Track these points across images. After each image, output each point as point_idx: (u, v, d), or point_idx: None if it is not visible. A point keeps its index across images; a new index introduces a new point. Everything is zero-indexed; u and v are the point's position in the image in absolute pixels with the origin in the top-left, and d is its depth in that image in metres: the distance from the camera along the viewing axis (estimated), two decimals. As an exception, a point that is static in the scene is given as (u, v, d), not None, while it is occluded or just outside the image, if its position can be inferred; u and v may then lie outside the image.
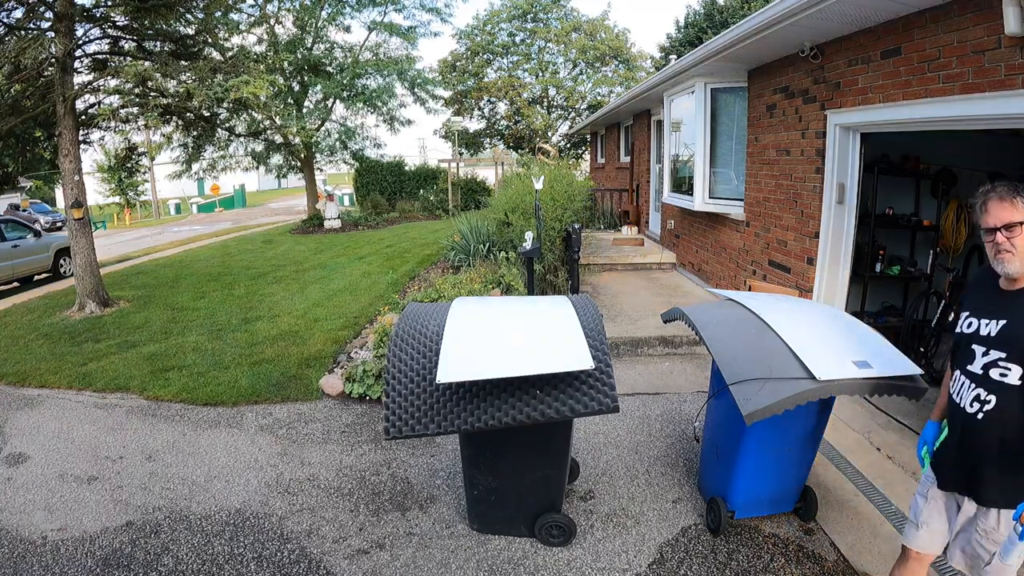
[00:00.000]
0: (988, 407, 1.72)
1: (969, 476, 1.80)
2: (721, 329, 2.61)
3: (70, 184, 6.95)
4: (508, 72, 26.34)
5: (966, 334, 1.85)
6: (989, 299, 1.83)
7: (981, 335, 1.78)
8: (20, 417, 4.33)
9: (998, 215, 1.68)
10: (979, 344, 1.78)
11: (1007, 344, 1.71)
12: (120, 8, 6.84)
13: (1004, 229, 1.67)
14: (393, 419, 2.32)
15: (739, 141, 6.12)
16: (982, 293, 1.89)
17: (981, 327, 1.79)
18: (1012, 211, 1.68)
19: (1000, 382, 1.70)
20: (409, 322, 2.60)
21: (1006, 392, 1.69)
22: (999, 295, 1.80)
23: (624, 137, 12.50)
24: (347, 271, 8.88)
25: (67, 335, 6.25)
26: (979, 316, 1.82)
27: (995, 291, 1.82)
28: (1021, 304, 1.75)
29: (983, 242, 1.77)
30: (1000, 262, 1.71)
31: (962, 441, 1.82)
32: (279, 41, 14.60)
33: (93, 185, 25.99)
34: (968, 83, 2.99)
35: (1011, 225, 1.67)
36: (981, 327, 1.79)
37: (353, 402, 4.39)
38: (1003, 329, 1.73)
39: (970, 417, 1.77)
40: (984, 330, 1.79)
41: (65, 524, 3.00)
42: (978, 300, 1.89)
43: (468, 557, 2.66)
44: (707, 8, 25.74)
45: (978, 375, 1.76)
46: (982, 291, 1.90)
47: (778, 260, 5.19)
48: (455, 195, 17.12)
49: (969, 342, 1.84)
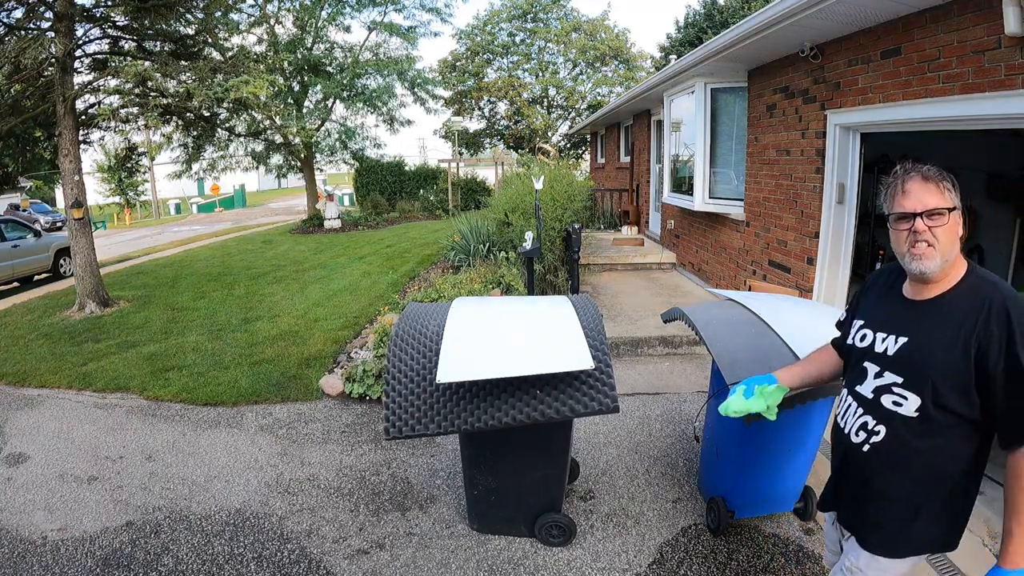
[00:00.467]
0: (876, 439, 1.46)
1: (851, 512, 1.58)
2: (721, 329, 2.61)
3: (70, 184, 6.95)
4: (508, 72, 26.35)
5: (858, 348, 1.56)
6: (890, 309, 1.52)
7: (876, 352, 1.49)
8: (20, 417, 4.33)
9: (921, 198, 1.38)
10: (872, 362, 1.49)
11: (906, 368, 1.41)
12: (120, 8, 6.84)
13: (925, 216, 1.37)
14: (393, 419, 2.32)
15: (739, 141, 6.12)
16: (881, 300, 1.58)
17: (877, 342, 1.50)
18: (939, 196, 1.38)
19: (892, 412, 1.43)
20: (409, 322, 2.59)
21: (899, 424, 1.42)
22: (903, 305, 1.49)
23: (624, 137, 12.50)
24: (347, 271, 8.88)
25: (67, 335, 6.25)
26: (875, 328, 1.53)
27: (898, 299, 1.52)
28: (930, 319, 1.41)
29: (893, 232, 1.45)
30: (915, 258, 1.38)
31: (843, 470, 1.59)
32: (279, 41, 14.60)
33: (93, 185, 25.99)
34: (968, 83, 2.99)
35: (935, 212, 1.36)
36: (877, 342, 1.50)
37: (353, 402, 4.39)
38: (903, 349, 1.43)
39: (854, 448, 1.51)
40: (880, 346, 1.49)
41: (65, 524, 3.00)
42: (876, 308, 1.59)
43: (468, 557, 2.66)
44: (707, 8, 25.74)
45: (868, 399, 1.49)
46: (881, 297, 1.58)
47: (778, 260, 5.19)
48: (455, 195, 17.12)
49: (861, 358, 1.54)
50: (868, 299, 1.64)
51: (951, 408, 1.37)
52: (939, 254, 1.37)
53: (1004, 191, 4.77)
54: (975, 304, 1.35)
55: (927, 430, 1.40)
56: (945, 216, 1.37)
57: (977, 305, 1.34)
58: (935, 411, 1.38)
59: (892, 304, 1.53)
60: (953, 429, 1.39)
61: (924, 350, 1.39)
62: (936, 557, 2.49)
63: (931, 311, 1.42)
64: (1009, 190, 4.75)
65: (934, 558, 2.49)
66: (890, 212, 1.44)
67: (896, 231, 1.44)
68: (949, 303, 1.40)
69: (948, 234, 1.37)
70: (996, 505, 2.81)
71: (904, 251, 1.41)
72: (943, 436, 1.40)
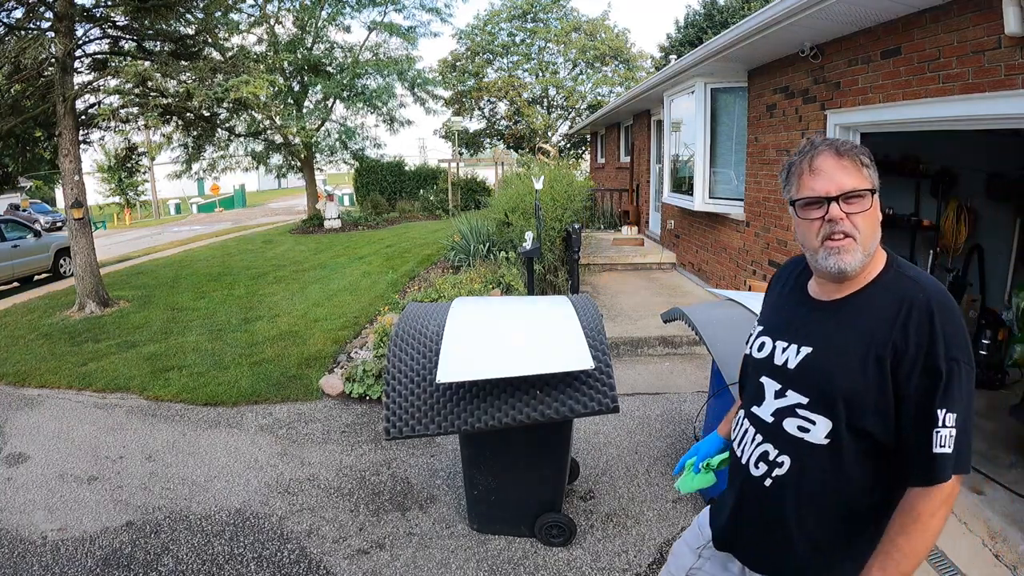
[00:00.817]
0: (780, 472, 1.18)
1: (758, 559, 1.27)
2: (721, 329, 2.61)
3: (70, 184, 6.95)
4: (508, 72, 26.35)
5: (755, 359, 1.28)
6: (792, 311, 1.27)
7: (775, 365, 1.22)
8: (20, 417, 4.33)
9: (835, 177, 1.11)
10: (771, 377, 1.22)
11: (812, 385, 1.15)
12: (120, 8, 6.84)
13: (843, 200, 1.11)
14: (393, 419, 2.32)
15: (739, 141, 6.12)
16: (784, 301, 1.32)
17: (776, 352, 1.23)
18: (857, 175, 1.12)
19: (798, 439, 1.15)
20: (409, 322, 2.59)
21: (807, 454, 1.15)
22: (808, 307, 1.23)
23: (624, 137, 12.50)
24: (347, 271, 8.88)
25: (67, 335, 6.25)
26: (775, 336, 1.25)
27: (802, 300, 1.26)
28: (840, 323, 1.15)
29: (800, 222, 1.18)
30: (831, 253, 1.12)
31: (741, 507, 1.29)
32: (279, 41, 14.60)
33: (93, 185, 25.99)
34: (968, 83, 2.99)
35: (853, 194, 1.11)
36: (776, 352, 1.23)
37: (353, 402, 4.39)
38: (808, 361, 1.16)
39: (754, 482, 1.23)
40: (780, 357, 1.21)
41: (65, 524, 3.00)
42: (776, 311, 1.33)
43: (468, 557, 2.66)
44: (707, 8, 25.75)
45: (767, 424, 1.21)
46: (784, 297, 1.33)
47: (778, 260, 5.19)
48: (455, 195, 17.12)
49: (758, 371, 1.26)
50: (769, 299, 1.40)
51: (869, 432, 1.10)
52: (860, 247, 1.11)
53: (1004, 191, 4.77)
54: (894, 304, 1.10)
55: (842, 460, 1.12)
56: (866, 199, 1.11)
57: (896, 305, 1.09)
58: (850, 437, 1.11)
59: (796, 305, 1.27)
60: (875, 458, 1.13)
61: (833, 362, 1.12)
62: (936, 557, 2.49)
63: (842, 314, 1.16)
64: (1009, 190, 4.75)
65: (934, 557, 2.49)
66: (795, 197, 1.17)
67: (804, 220, 1.16)
68: (863, 303, 1.14)
69: (870, 221, 1.12)
70: (996, 505, 2.81)
71: (816, 245, 1.14)
72: (862, 466, 1.13)
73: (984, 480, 3.03)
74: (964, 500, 2.87)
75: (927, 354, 1.04)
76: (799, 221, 1.18)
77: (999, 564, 2.42)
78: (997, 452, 3.32)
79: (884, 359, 1.07)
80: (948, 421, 1.02)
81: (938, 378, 1.03)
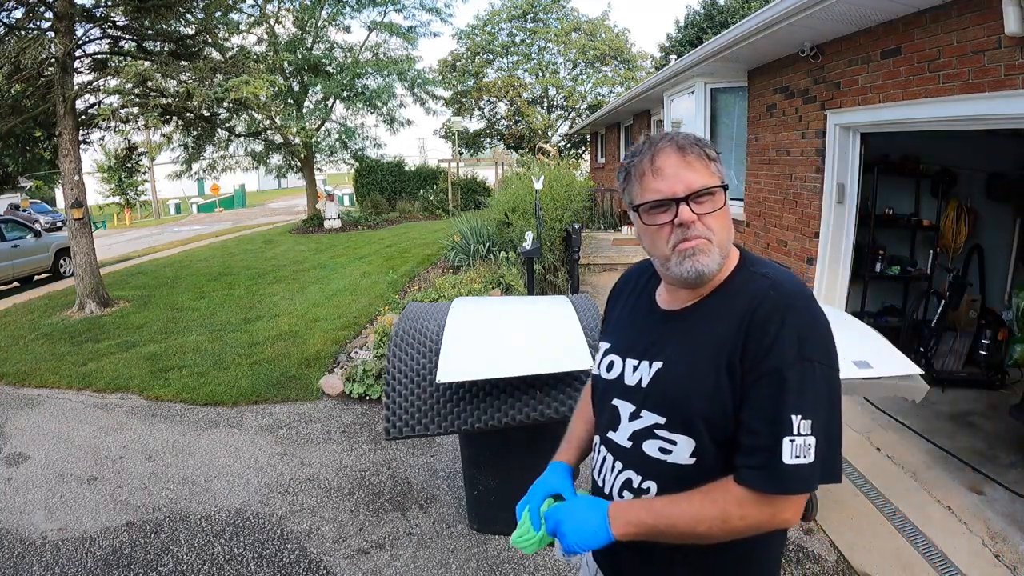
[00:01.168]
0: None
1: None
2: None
3: (70, 184, 6.96)
4: (508, 72, 26.34)
5: (605, 380, 1.15)
6: (640, 324, 1.14)
7: (627, 385, 1.10)
8: (20, 417, 4.33)
9: (681, 175, 0.99)
10: (624, 399, 1.10)
11: (666, 403, 1.03)
12: (120, 8, 6.84)
13: (692, 199, 0.99)
14: (393, 419, 2.32)
15: (739, 141, 6.12)
16: (630, 314, 1.19)
17: (627, 371, 1.11)
18: (705, 171, 1.01)
19: (661, 462, 1.03)
20: (409, 322, 2.60)
21: (672, 478, 1.02)
22: (657, 318, 1.12)
23: (624, 137, 12.50)
24: (347, 271, 8.89)
25: (67, 335, 6.25)
26: (624, 353, 1.13)
27: (650, 310, 1.14)
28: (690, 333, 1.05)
29: (646, 228, 1.05)
30: (685, 258, 1.00)
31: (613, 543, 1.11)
32: (279, 41, 14.60)
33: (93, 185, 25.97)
34: (968, 83, 2.99)
35: (704, 193, 1.00)
36: (627, 371, 1.11)
37: (353, 402, 4.39)
38: (660, 377, 1.05)
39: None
40: (632, 377, 1.09)
41: (65, 524, 3.00)
42: (623, 325, 1.19)
43: (468, 557, 2.66)
44: (707, 8, 25.75)
45: (625, 449, 1.08)
46: (630, 310, 1.19)
47: (778, 260, 5.19)
48: (455, 195, 17.12)
49: (609, 393, 1.13)
50: (614, 313, 1.25)
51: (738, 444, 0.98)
52: (717, 248, 1.01)
53: (1004, 191, 4.77)
54: (745, 305, 0.99)
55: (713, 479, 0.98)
56: (718, 197, 1.01)
57: (746, 306, 0.98)
58: (717, 453, 0.99)
59: (644, 318, 1.14)
60: None
61: (685, 376, 1.01)
62: (936, 557, 2.49)
63: (692, 322, 1.05)
64: (1009, 190, 4.75)
65: (933, 557, 2.49)
66: (638, 202, 1.03)
67: (651, 227, 1.03)
68: (714, 308, 1.04)
69: (723, 220, 1.02)
70: (996, 505, 2.81)
71: (667, 252, 1.02)
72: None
73: (984, 480, 3.03)
74: (964, 500, 2.88)
75: (776, 355, 0.92)
76: (645, 228, 1.04)
77: (999, 564, 2.42)
78: (997, 452, 3.32)
79: (735, 364, 0.96)
80: (803, 429, 0.89)
81: (789, 381, 0.91)
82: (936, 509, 2.83)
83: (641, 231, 1.07)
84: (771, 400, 0.92)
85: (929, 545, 2.58)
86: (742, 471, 0.93)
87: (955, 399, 4.06)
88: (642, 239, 1.08)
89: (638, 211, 1.05)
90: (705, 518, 0.93)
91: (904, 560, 2.50)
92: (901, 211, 4.93)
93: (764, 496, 0.91)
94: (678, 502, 0.97)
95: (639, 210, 1.04)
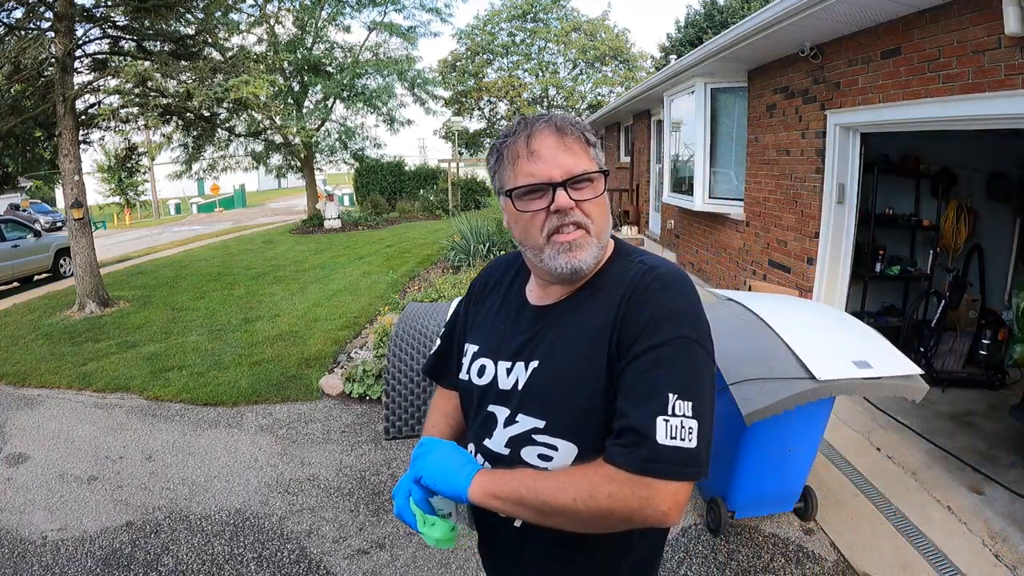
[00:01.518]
0: None
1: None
2: (720, 329, 2.60)
3: (70, 184, 6.96)
4: (508, 72, 26.36)
5: (477, 386, 1.06)
6: (511, 323, 1.06)
7: (501, 389, 1.01)
8: (20, 417, 4.33)
9: (559, 159, 0.93)
10: (499, 404, 1.01)
11: (545, 405, 0.95)
12: (120, 8, 6.84)
13: (570, 185, 0.92)
14: (393, 419, 2.33)
15: (739, 141, 6.12)
16: (498, 311, 1.10)
17: (500, 375, 1.02)
18: (584, 155, 0.95)
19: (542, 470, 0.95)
20: (409, 322, 2.60)
21: None
22: (529, 315, 1.04)
23: (624, 137, 12.50)
24: (347, 271, 8.89)
25: (67, 335, 6.25)
26: (495, 355, 1.04)
27: (520, 307, 1.06)
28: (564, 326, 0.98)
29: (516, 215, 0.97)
30: (562, 250, 0.94)
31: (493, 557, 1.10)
32: (279, 41, 14.61)
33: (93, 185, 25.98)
34: (968, 83, 2.99)
35: (582, 178, 0.93)
36: (500, 375, 1.02)
37: (353, 402, 4.39)
38: (536, 377, 0.97)
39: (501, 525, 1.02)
40: (506, 380, 1.01)
41: (65, 524, 3.00)
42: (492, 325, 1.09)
43: (468, 557, 2.65)
44: (707, 8, 25.75)
45: (504, 457, 0.99)
46: (499, 308, 1.10)
47: (778, 260, 5.19)
48: (455, 195, 17.13)
49: (483, 399, 1.04)
50: (480, 312, 1.14)
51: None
52: (595, 238, 0.95)
53: (1004, 191, 4.77)
54: (620, 293, 0.93)
55: None
56: (597, 183, 0.95)
57: (621, 294, 0.93)
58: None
59: (515, 316, 1.06)
60: None
61: (562, 375, 0.94)
62: (936, 556, 2.49)
63: (566, 317, 0.98)
64: (1009, 190, 4.75)
65: (933, 557, 2.49)
66: (511, 186, 0.96)
67: (524, 213, 0.95)
68: (588, 300, 0.97)
69: (602, 208, 0.96)
70: (996, 505, 2.81)
71: (541, 242, 0.95)
72: None
73: (984, 480, 3.03)
74: (964, 500, 2.88)
75: (649, 334, 0.86)
76: (517, 215, 0.96)
77: (999, 564, 2.42)
78: (997, 452, 3.32)
79: (613, 355, 0.90)
80: (681, 409, 0.82)
81: (663, 359, 0.85)
82: (936, 509, 2.83)
83: (512, 218, 0.99)
84: (643, 379, 0.85)
85: (929, 545, 2.58)
86: (610, 449, 0.84)
87: (955, 399, 4.06)
88: (512, 228, 1.00)
89: (510, 196, 0.96)
90: (570, 487, 0.84)
91: (904, 560, 2.50)
92: (901, 211, 4.93)
93: (634, 476, 0.80)
94: (546, 473, 0.91)
95: (512, 195, 0.96)
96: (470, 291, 1.20)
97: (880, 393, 2.29)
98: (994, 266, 4.86)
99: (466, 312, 1.18)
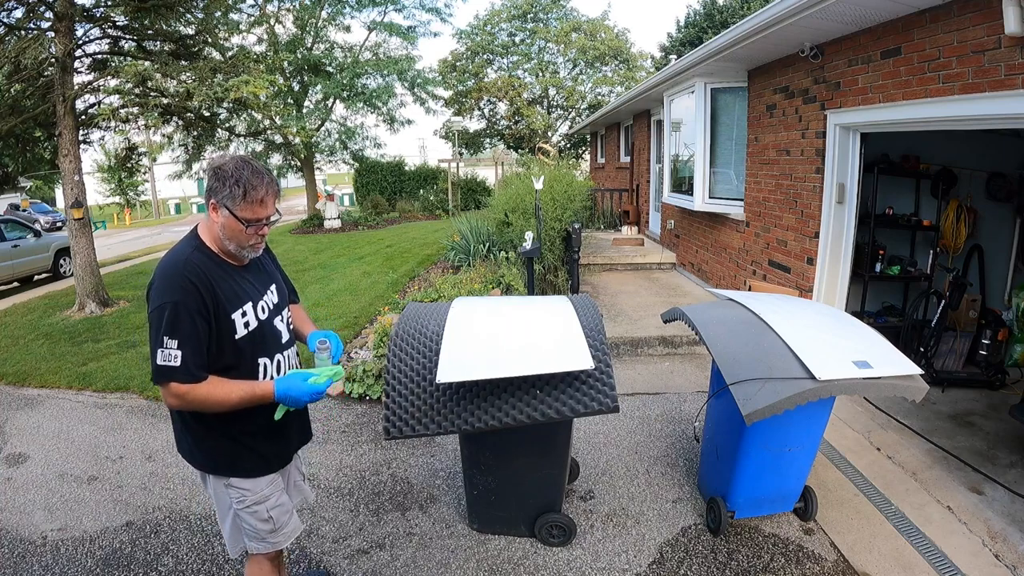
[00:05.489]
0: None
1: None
2: (721, 329, 2.61)
3: (70, 184, 6.95)
4: (508, 72, 26.31)
5: (262, 320, 1.85)
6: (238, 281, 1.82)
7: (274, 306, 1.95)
8: (20, 417, 4.33)
9: (268, 207, 1.73)
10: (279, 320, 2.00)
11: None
12: (120, 8, 6.84)
13: (266, 221, 1.75)
14: (393, 419, 2.32)
15: (739, 141, 6.12)
16: (231, 279, 1.79)
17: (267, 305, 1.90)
18: (272, 206, 1.75)
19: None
20: (409, 322, 2.59)
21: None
22: (239, 273, 1.83)
23: (624, 137, 12.50)
24: (347, 271, 8.88)
25: (67, 335, 6.25)
26: (254, 300, 1.84)
27: (233, 271, 1.82)
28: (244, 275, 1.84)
29: (243, 230, 1.72)
30: (254, 249, 1.79)
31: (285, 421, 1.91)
32: (279, 41, 14.61)
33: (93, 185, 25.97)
34: (968, 83, 2.99)
35: (272, 218, 1.77)
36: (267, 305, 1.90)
37: (353, 402, 4.39)
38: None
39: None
40: (268, 303, 1.91)
41: (65, 524, 3.00)
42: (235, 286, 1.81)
43: (468, 557, 2.66)
44: (707, 8, 25.75)
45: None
46: (231, 277, 1.80)
47: (778, 260, 5.19)
48: (455, 195, 17.13)
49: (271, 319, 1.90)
50: (223, 287, 1.76)
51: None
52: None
53: (1004, 191, 4.78)
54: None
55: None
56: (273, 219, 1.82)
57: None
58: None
59: (239, 277, 1.82)
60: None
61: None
62: (936, 556, 2.49)
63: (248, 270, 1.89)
64: (1009, 190, 4.75)
65: (933, 557, 2.49)
66: (249, 217, 1.69)
67: (246, 232, 1.72)
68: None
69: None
70: (996, 505, 2.82)
71: (247, 244, 1.75)
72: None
73: (984, 480, 3.03)
74: (964, 500, 2.88)
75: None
76: (240, 228, 1.69)
77: (999, 564, 2.42)
78: (997, 452, 3.32)
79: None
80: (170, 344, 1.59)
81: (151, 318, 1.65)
82: (936, 509, 2.83)
83: (232, 227, 1.70)
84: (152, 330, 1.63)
85: (929, 545, 2.58)
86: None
87: (955, 399, 4.06)
88: (224, 231, 1.71)
89: (241, 220, 1.68)
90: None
91: (904, 560, 2.50)
92: (901, 211, 4.93)
93: (159, 385, 1.64)
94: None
95: (244, 220, 1.68)
96: (202, 282, 1.72)
97: (880, 393, 2.29)
98: (994, 266, 4.87)
99: (212, 294, 1.74)
